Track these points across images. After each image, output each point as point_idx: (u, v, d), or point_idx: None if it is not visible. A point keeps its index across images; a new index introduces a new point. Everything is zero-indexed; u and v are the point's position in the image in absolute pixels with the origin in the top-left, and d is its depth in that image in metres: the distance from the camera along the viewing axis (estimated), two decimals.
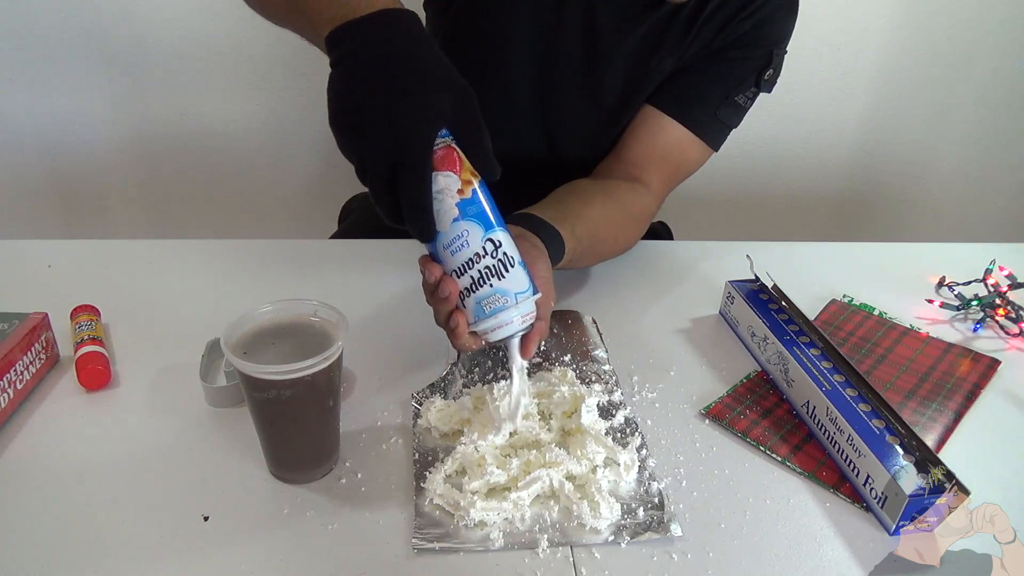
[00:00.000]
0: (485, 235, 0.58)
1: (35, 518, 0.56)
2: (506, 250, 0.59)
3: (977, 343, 0.85)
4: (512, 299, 0.59)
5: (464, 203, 0.57)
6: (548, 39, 0.90)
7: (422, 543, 0.55)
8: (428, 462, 0.62)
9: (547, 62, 0.92)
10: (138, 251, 0.95)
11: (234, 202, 1.70)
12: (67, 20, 1.46)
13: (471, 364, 0.74)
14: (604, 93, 0.93)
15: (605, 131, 0.97)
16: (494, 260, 0.58)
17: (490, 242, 0.58)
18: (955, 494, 0.56)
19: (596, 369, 0.75)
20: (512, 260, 0.59)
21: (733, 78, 0.92)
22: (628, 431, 0.67)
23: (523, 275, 0.60)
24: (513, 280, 0.59)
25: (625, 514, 0.58)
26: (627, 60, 0.91)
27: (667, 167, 0.94)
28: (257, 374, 0.54)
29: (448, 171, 0.56)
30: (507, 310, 0.59)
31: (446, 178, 0.56)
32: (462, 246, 0.58)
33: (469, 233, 0.57)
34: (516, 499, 0.57)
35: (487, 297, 0.59)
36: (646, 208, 0.94)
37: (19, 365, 0.66)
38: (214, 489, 0.59)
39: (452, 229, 0.58)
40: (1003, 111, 1.72)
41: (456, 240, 0.58)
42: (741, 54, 0.91)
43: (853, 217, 1.85)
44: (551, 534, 0.56)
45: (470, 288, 0.59)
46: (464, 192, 0.57)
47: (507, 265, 0.59)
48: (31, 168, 1.62)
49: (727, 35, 0.90)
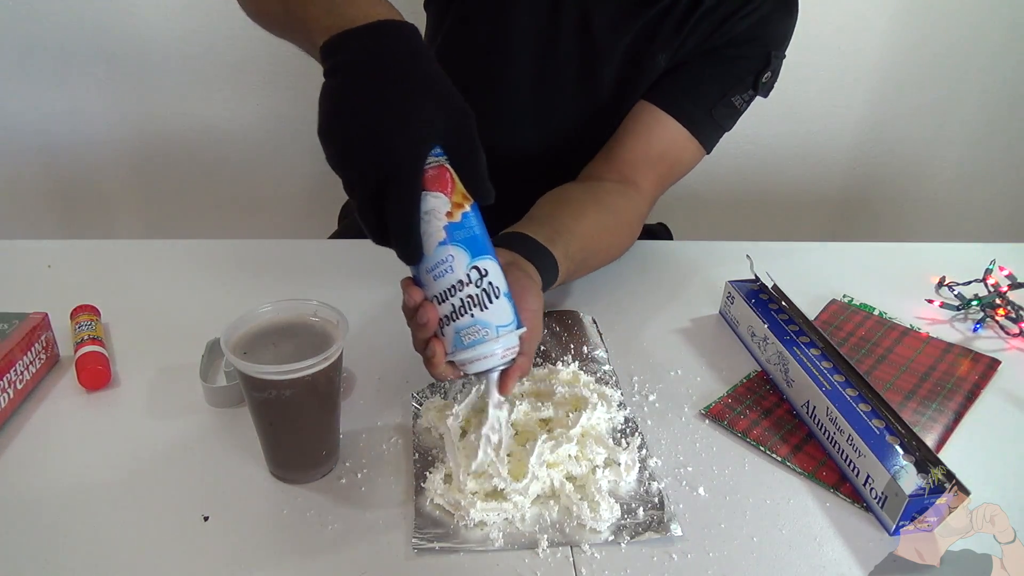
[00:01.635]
0: (471, 262, 0.55)
1: (35, 518, 0.56)
2: (492, 279, 0.56)
3: (977, 343, 0.85)
4: (493, 332, 0.56)
5: (452, 226, 0.54)
6: (545, 39, 0.90)
7: (422, 543, 0.55)
8: (428, 462, 0.62)
9: (544, 62, 0.92)
10: (138, 251, 0.95)
11: (234, 202, 1.70)
12: (67, 20, 1.46)
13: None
14: (601, 90, 0.93)
15: (601, 128, 0.97)
16: (478, 289, 0.55)
17: (476, 270, 0.55)
18: (955, 494, 0.56)
19: (596, 369, 0.75)
20: (497, 291, 0.56)
21: (730, 77, 0.91)
22: (628, 431, 0.67)
23: (508, 307, 0.57)
24: (496, 312, 0.56)
25: (625, 514, 0.58)
26: (622, 57, 0.91)
27: (660, 166, 0.93)
28: (257, 374, 0.54)
29: (438, 192, 0.54)
30: (487, 343, 0.56)
31: (435, 199, 0.54)
32: (446, 271, 0.55)
33: (454, 259, 0.55)
34: (516, 500, 0.57)
35: (467, 328, 0.56)
36: (638, 213, 0.92)
37: (19, 365, 0.66)
38: (214, 489, 0.59)
39: (437, 253, 0.55)
40: (1003, 111, 1.72)
41: (440, 265, 0.55)
42: (738, 53, 0.91)
43: (853, 217, 1.85)
44: (551, 534, 0.56)
45: (450, 316, 0.56)
46: (453, 215, 0.54)
47: (491, 296, 0.56)
48: (31, 168, 1.62)
49: (724, 33, 0.90)
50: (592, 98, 0.94)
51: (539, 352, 0.77)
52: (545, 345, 0.78)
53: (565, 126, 0.98)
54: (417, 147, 0.52)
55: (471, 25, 0.92)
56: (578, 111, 0.96)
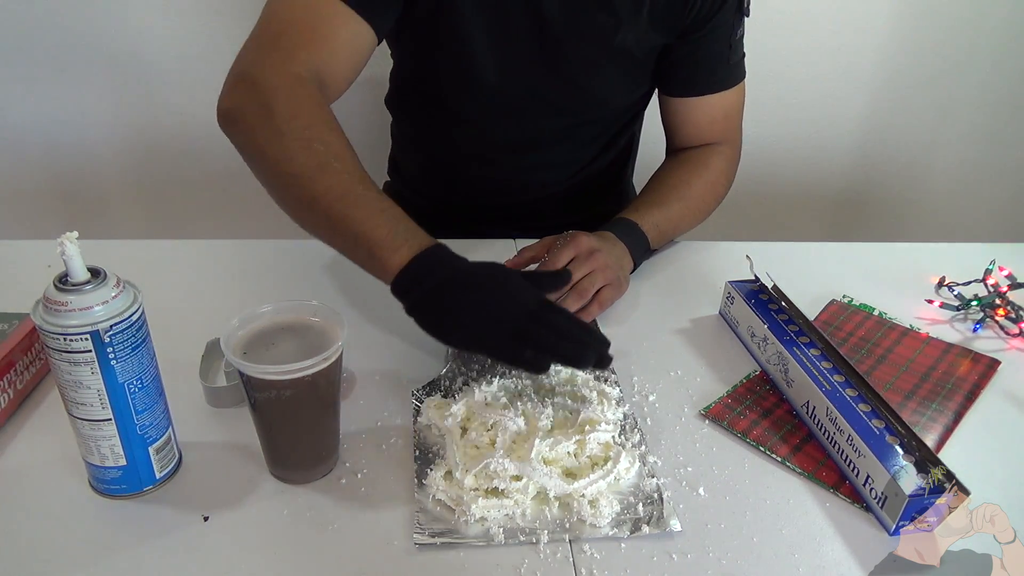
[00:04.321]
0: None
1: (35, 518, 0.56)
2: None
3: (977, 343, 0.85)
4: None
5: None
6: (503, 36, 0.90)
7: (424, 538, 0.55)
8: (428, 459, 0.62)
9: (508, 61, 0.92)
10: (138, 251, 0.95)
11: (234, 202, 1.69)
12: (67, 20, 1.46)
13: (470, 360, 0.75)
14: (568, 75, 0.95)
15: (581, 123, 1.01)
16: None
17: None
18: (955, 494, 0.56)
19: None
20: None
21: (724, 29, 0.95)
22: (627, 427, 0.67)
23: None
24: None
25: (624, 509, 0.58)
26: (588, 42, 0.92)
27: (721, 124, 1.02)
28: (257, 374, 0.54)
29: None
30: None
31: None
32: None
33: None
34: (517, 497, 0.58)
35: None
36: (725, 161, 1.02)
37: (19, 365, 0.66)
38: (214, 489, 0.59)
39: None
40: (1003, 111, 1.71)
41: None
42: (716, 7, 0.93)
43: (853, 217, 1.85)
44: (551, 529, 0.57)
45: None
46: None
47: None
48: (31, 168, 1.62)
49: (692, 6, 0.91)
50: (565, 87, 0.96)
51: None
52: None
53: (546, 126, 1.00)
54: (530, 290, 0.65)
55: (429, 51, 0.94)
56: (555, 105, 0.98)
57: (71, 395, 0.53)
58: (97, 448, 0.55)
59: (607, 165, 1.09)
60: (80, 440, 0.56)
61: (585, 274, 0.80)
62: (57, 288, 0.50)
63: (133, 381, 0.54)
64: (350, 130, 0.73)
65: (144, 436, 0.56)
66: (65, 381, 0.52)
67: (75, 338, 0.50)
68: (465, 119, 1.00)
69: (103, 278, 0.52)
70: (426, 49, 0.94)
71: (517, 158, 1.03)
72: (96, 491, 0.58)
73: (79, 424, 0.54)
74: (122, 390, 0.53)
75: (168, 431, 0.59)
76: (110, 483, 0.57)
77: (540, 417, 0.64)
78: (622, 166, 1.14)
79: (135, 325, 0.53)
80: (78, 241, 0.51)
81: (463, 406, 0.65)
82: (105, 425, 0.54)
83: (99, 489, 0.58)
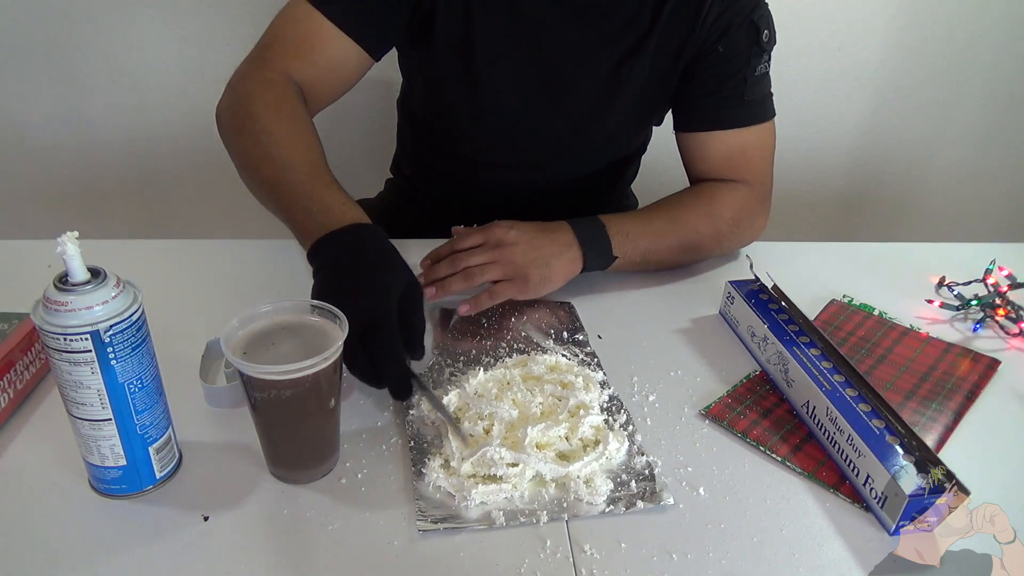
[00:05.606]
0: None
1: (35, 518, 0.56)
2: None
3: (977, 343, 0.85)
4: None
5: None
6: (515, 76, 0.93)
7: (427, 524, 0.56)
8: (424, 449, 0.63)
9: (517, 102, 0.95)
10: (138, 251, 0.95)
11: (234, 202, 1.69)
12: (67, 20, 1.46)
13: (456, 353, 0.77)
14: (575, 108, 0.97)
15: (589, 152, 1.03)
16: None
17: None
18: (955, 494, 0.56)
19: (577, 352, 0.77)
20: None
21: (738, 61, 0.93)
22: (613, 408, 0.69)
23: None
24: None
25: (618, 487, 0.60)
26: (595, 73, 0.94)
27: (739, 160, 0.97)
28: (257, 374, 0.54)
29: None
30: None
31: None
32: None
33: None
34: (514, 481, 0.59)
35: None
36: (738, 198, 0.96)
37: (19, 365, 0.66)
38: (214, 489, 0.59)
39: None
40: (1003, 111, 1.71)
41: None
42: (729, 40, 0.92)
43: (853, 217, 1.84)
44: (550, 509, 0.58)
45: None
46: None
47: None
48: (31, 168, 1.62)
49: (703, 28, 0.91)
50: (572, 119, 0.98)
51: (520, 338, 0.80)
52: (525, 331, 0.81)
53: (550, 153, 1.02)
54: (389, 300, 0.64)
55: (439, 83, 0.97)
56: (561, 136, 0.99)
57: (71, 395, 0.53)
58: (97, 448, 0.55)
59: (612, 178, 1.12)
60: (80, 440, 0.56)
61: (480, 263, 0.81)
62: (57, 288, 0.50)
63: (133, 381, 0.54)
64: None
65: (144, 436, 0.56)
66: (65, 381, 0.52)
67: (75, 338, 0.50)
68: (471, 147, 1.03)
69: (103, 278, 0.52)
70: (437, 80, 0.97)
71: (521, 176, 1.05)
72: (96, 491, 0.58)
73: (79, 424, 0.54)
74: (122, 390, 0.53)
75: (168, 431, 0.59)
76: (110, 483, 0.57)
77: (531, 405, 0.66)
78: (624, 168, 1.14)
79: (135, 325, 0.53)
80: (78, 241, 0.51)
81: (456, 397, 0.67)
82: (105, 425, 0.54)
83: (99, 489, 0.58)
